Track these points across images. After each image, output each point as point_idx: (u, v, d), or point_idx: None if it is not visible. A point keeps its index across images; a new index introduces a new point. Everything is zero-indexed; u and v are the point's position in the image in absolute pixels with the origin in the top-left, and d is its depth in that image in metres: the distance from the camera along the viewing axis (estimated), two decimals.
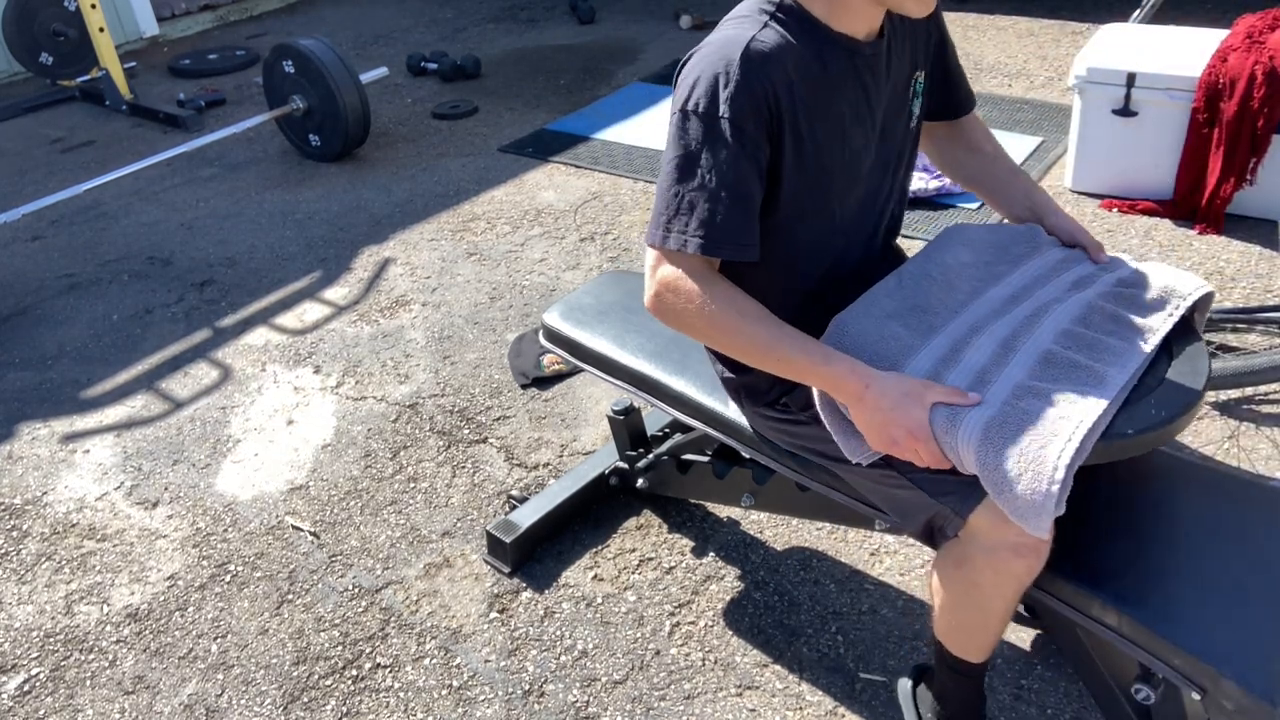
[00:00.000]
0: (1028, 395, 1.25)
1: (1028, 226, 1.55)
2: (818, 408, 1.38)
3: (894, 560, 2.04)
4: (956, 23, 5.19)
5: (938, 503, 1.34)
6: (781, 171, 1.32)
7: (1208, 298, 1.43)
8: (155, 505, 2.39)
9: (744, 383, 1.56)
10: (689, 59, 1.32)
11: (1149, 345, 1.32)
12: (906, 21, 1.42)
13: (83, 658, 2.00)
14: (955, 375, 1.30)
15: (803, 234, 1.41)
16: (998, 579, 1.32)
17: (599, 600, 2.02)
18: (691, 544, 2.13)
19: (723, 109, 1.25)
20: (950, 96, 1.60)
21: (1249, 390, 2.37)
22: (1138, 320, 1.36)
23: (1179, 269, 1.45)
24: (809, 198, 1.37)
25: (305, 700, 1.86)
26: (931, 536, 1.38)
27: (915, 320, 1.38)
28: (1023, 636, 1.84)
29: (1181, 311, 1.37)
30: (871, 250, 1.53)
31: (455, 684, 1.87)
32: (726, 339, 1.34)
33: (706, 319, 1.31)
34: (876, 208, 1.50)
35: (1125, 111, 3.10)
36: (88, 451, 2.60)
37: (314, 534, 2.26)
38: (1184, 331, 1.37)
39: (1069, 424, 1.20)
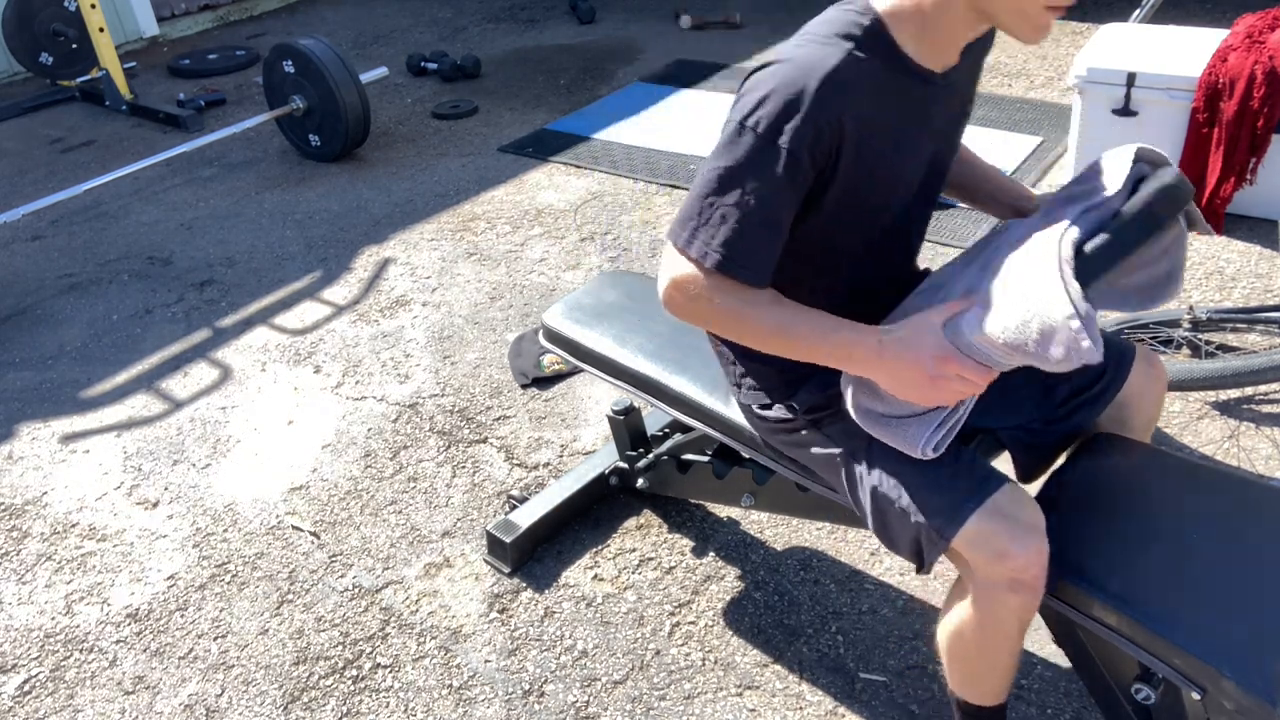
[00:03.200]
0: (1003, 270, 1.23)
1: (1000, 223, 1.52)
2: (852, 414, 1.36)
3: (894, 560, 2.04)
4: None
5: (924, 521, 1.34)
6: (824, 198, 1.30)
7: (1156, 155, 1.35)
8: (155, 505, 2.39)
9: (750, 385, 1.55)
10: (762, 71, 1.27)
11: (1107, 189, 1.28)
12: (975, 53, 1.38)
13: (83, 658, 2.00)
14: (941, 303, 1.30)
15: (841, 246, 1.39)
16: (997, 619, 1.33)
17: (599, 600, 2.02)
18: (691, 544, 2.13)
19: (784, 137, 1.22)
20: None
21: (1249, 390, 2.37)
22: (1086, 187, 1.32)
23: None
24: (852, 215, 1.35)
25: (305, 700, 1.86)
26: (920, 557, 1.38)
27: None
28: None
29: (1131, 156, 1.30)
30: (895, 271, 1.52)
31: (455, 684, 1.87)
32: (736, 328, 1.35)
33: (716, 313, 1.32)
34: (910, 233, 1.49)
35: (1125, 111, 3.10)
36: (88, 451, 2.60)
37: (314, 534, 2.26)
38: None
39: (1040, 255, 1.17)
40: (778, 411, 1.52)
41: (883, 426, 1.35)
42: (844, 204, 1.31)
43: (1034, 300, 1.15)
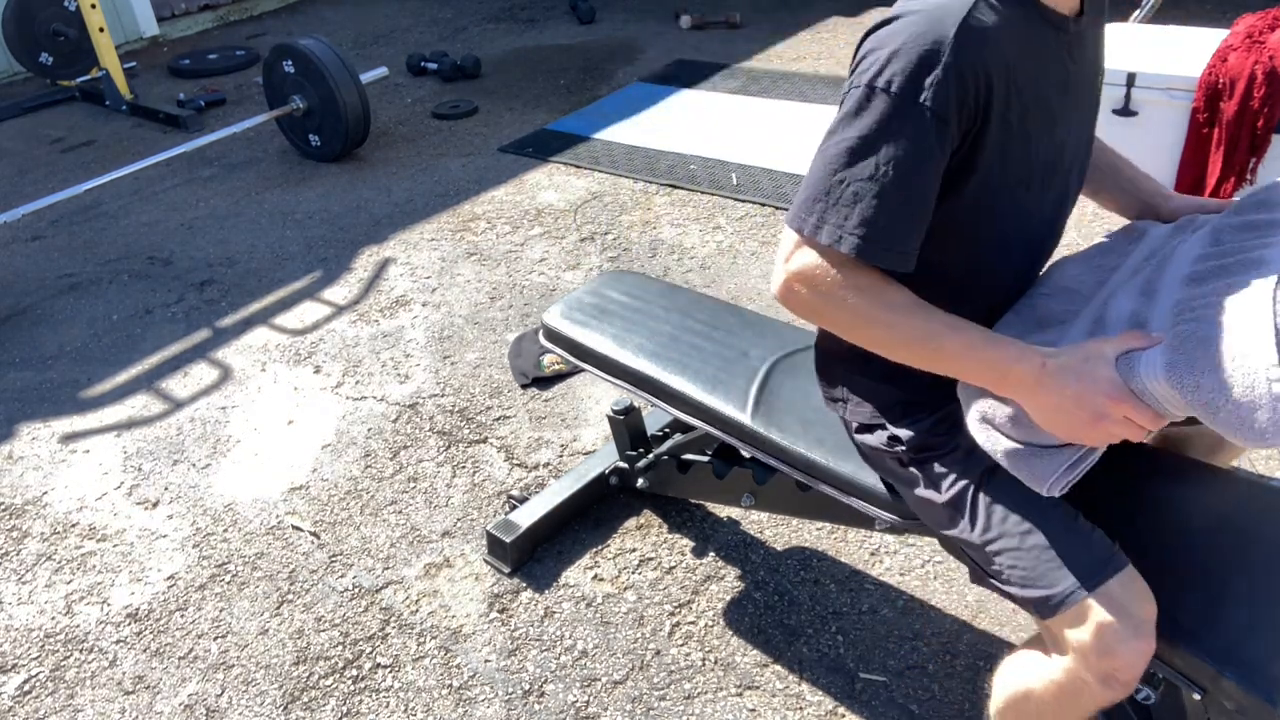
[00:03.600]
0: (1189, 308, 1.10)
1: (1131, 224, 1.44)
2: (972, 430, 1.22)
3: (894, 560, 2.04)
4: None
5: (1026, 595, 1.21)
6: (975, 166, 1.14)
7: None
8: (155, 505, 2.39)
9: (855, 402, 1.40)
10: (883, 28, 1.11)
11: None
12: (1096, 7, 1.27)
13: (83, 658, 2.00)
14: (1108, 331, 1.16)
15: (983, 235, 1.24)
16: (1078, 703, 1.21)
17: (599, 600, 2.02)
18: (691, 544, 2.13)
19: (925, 95, 1.06)
20: None
21: None
22: (1270, 217, 1.20)
23: None
24: (1000, 195, 1.20)
25: (305, 700, 1.86)
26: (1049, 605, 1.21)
27: (1047, 327, 1.25)
28: (1021, 635, 1.84)
29: None
30: (1032, 273, 1.35)
31: (455, 684, 1.87)
32: (870, 333, 1.17)
33: (848, 313, 1.15)
34: (1059, 219, 1.33)
35: (1125, 111, 3.10)
36: (88, 451, 2.60)
37: (314, 534, 2.26)
38: None
39: (1249, 310, 1.04)
40: (879, 436, 1.37)
41: (1006, 452, 1.20)
42: (989, 181, 1.17)
43: (1237, 362, 1.01)
